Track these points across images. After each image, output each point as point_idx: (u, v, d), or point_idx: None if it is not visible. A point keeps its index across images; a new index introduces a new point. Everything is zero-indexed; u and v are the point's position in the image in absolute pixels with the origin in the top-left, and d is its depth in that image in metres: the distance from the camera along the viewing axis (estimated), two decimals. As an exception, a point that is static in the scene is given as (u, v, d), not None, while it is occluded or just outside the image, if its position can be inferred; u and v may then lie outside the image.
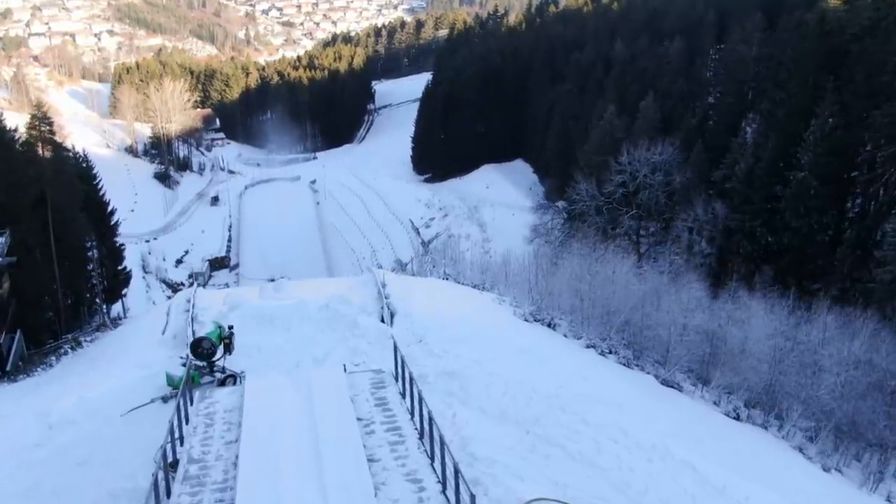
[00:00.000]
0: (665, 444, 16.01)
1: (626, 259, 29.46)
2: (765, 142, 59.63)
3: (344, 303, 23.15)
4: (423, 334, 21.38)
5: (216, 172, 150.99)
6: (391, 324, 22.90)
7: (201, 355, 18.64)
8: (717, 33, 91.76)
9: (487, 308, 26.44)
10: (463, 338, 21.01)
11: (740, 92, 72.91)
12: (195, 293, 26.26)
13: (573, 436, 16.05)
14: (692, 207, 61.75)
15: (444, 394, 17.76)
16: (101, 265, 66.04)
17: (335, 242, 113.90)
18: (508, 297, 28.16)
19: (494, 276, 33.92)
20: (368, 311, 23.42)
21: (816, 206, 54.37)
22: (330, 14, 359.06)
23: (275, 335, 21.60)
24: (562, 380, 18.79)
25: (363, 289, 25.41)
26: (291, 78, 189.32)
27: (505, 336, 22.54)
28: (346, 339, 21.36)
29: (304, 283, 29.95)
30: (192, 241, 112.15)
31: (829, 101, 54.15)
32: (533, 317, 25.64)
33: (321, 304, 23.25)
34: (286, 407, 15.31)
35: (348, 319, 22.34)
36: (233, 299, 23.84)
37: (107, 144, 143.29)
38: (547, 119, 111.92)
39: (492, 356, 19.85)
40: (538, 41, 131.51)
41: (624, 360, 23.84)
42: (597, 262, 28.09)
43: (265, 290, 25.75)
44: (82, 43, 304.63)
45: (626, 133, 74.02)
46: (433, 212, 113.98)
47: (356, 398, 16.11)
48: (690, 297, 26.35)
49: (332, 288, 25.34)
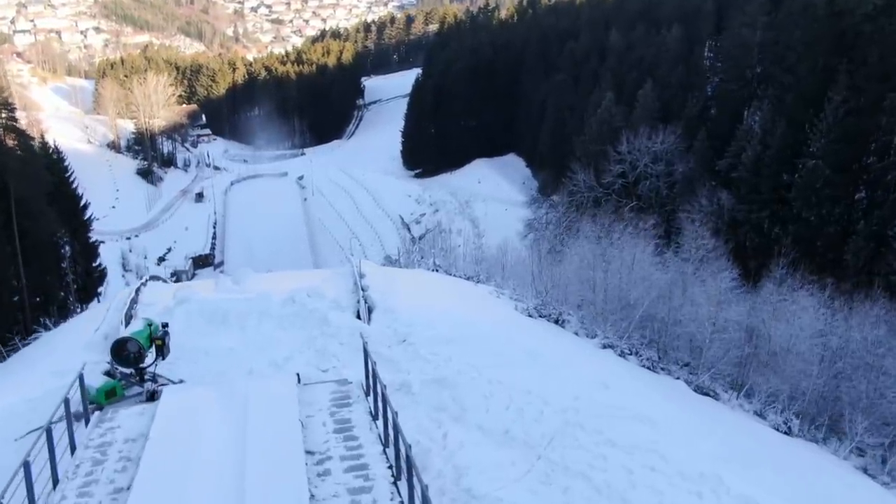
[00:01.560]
0: (716, 472, 12.67)
1: (645, 242, 25.89)
2: (773, 128, 56.43)
3: (314, 296, 19.72)
4: (408, 333, 17.91)
5: (201, 169, 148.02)
6: (368, 321, 19.43)
7: (126, 360, 14.88)
8: (716, 21, 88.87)
9: (484, 302, 22.88)
10: (456, 337, 17.58)
11: (744, 78, 69.70)
12: (142, 286, 22.88)
13: (598, 462, 12.64)
14: (696, 198, 58.59)
15: (433, 408, 14.25)
16: (73, 262, 63.10)
17: (323, 239, 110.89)
18: (507, 289, 24.82)
19: (490, 267, 30.54)
20: (343, 305, 19.86)
21: (828, 196, 51.22)
22: (319, 11, 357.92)
23: (227, 335, 18.12)
24: (578, 388, 15.31)
25: (339, 281, 22.00)
26: (279, 73, 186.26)
27: (506, 335, 18.92)
28: (314, 339, 17.86)
29: (271, 276, 26.54)
30: (175, 239, 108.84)
31: (841, 85, 51.04)
32: (538, 311, 22.11)
33: (285, 298, 19.75)
34: (208, 435, 11.76)
35: (317, 316, 18.81)
36: (183, 293, 20.31)
37: (88, 140, 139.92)
38: (540, 111, 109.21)
39: (491, 359, 16.38)
40: (530, 32, 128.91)
41: (648, 363, 20.36)
42: (611, 246, 24.57)
43: (222, 283, 22.17)
44: (68, 40, 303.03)
45: (625, 122, 70.94)
46: (423, 207, 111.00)
47: (310, 420, 12.63)
48: (722, 288, 22.84)
49: (304, 281, 21.82)
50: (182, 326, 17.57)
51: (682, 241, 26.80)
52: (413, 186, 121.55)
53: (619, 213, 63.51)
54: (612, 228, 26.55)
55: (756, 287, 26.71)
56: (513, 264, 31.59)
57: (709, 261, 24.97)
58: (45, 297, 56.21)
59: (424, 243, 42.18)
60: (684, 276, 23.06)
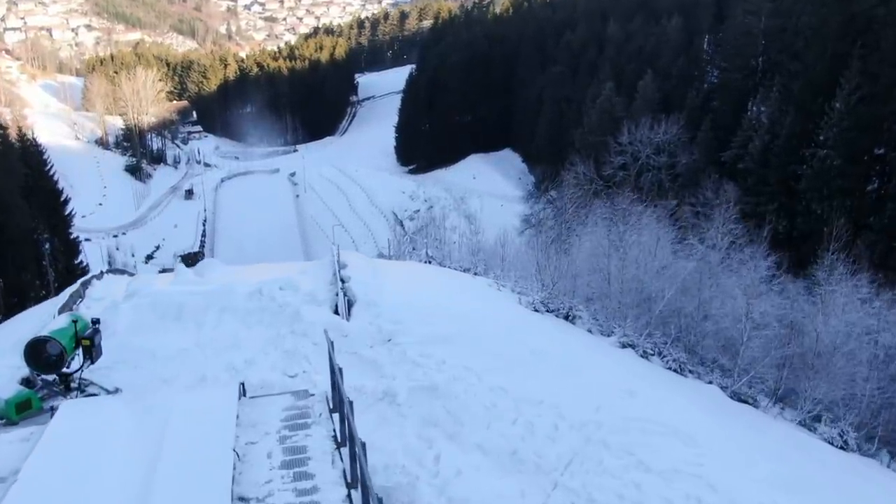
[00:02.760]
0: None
1: (667, 227, 23.19)
2: (781, 118, 54.11)
3: (287, 289, 17.22)
4: (394, 331, 15.30)
5: (192, 166, 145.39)
6: (348, 316, 16.79)
7: (45, 365, 12.32)
8: (716, 10, 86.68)
9: (483, 295, 20.17)
10: (450, 335, 14.99)
11: (748, 67, 67.32)
12: (94, 279, 20.35)
13: (630, 491, 10.07)
14: (701, 190, 56.25)
15: (423, 422, 11.65)
16: (54, 260, 60.76)
17: (315, 236, 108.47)
18: (509, 281, 22.31)
19: (488, 259, 27.99)
20: (319, 299, 17.21)
21: (840, 187, 48.87)
22: (313, 9, 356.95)
23: (181, 334, 15.48)
24: (599, 397, 12.70)
25: (318, 272, 19.49)
26: (271, 69, 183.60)
27: (509, 332, 16.17)
28: (283, 338, 15.29)
29: (242, 267, 23.89)
30: (163, 236, 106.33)
31: (854, 71, 48.70)
32: (545, 306, 19.48)
33: (252, 291, 17.14)
34: (102, 475, 8.72)
35: (288, 311, 16.23)
36: (135, 285, 17.73)
37: (76, 137, 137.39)
38: (537, 105, 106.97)
39: (493, 362, 13.80)
40: (526, 25, 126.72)
41: (675, 365, 17.73)
42: (628, 230, 21.72)
43: (181, 274, 19.47)
44: (59, 38, 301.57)
45: (625, 112, 68.67)
46: (418, 203, 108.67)
47: (250, 450, 9.68)
48: (758, 277, 20.13)
49: (278, 272, 19.24)
50: (129, 323, 15.18)
51: (708, 227, 23.91)
52: (407, 182, 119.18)
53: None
54: (628, 211, 23.80)
55: (796, 276, 24.22)
56: (513, 256, 29.04)
57: (739, 247, 22.23)
58: (21, 296, 53.90)
59: (417, 234, 39.46)
60: (711, 266, 20.33)
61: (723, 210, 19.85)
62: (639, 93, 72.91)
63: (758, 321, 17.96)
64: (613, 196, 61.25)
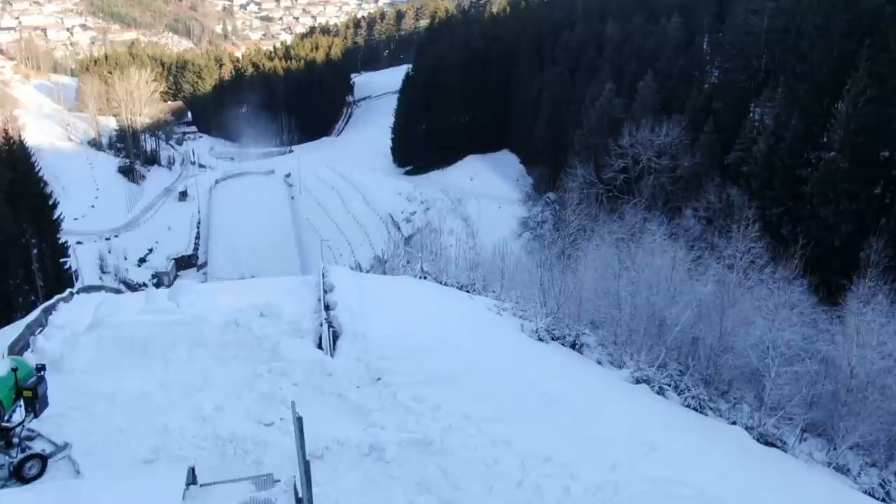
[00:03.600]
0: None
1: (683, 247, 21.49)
2: (786, 120, 52.76)
3: (268, 315, 15.75)
4: (384, 368, 13.81)
5: (186, 167, 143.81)
6: (333, 350, 15.19)
7: None
8: (716, 9, 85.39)
9: (483, 322, 18.57)
10: (446, 375, 13.47)
11: (751, 67, 65.95)
12: (62, 301, 18.84)
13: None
14: (704, 194, 54.97)
15: (415, 485, 10.12)
16: (41, 264, 59.46)
17: (310, 239, 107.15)
18: (509, 301, 20.84)
19: (487, 273, 26.49)
20: (303, 329, 15.73)
21: (847, 191, 47.52)
22: (309, 9, 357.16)
23: (145, 373, 13.79)
24: (615, 452, 11.19)
25: (304, 293, 18.00)
26: (266, 69, 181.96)
27: (513, 370, 14.56)
28: (259, 377, 13.71)
29: (220, 286, 22.32)
30: (157, 239, 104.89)
31: (862, 72, 47.37)
32: (550, 333, 18.06)
33: (227, 321, 15.52)
34: None
35: (266, 345, 14.66)
36: (101, 313, 16.13)
37: (69, 137, 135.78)
38: (535, 106, 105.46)
39: (494, 408, 12.26)
40: (524, 25, 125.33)
41: (694, 402, 16.26)
42: (640, 250, 19.99)
43: (152, 298, 17.68)
44: (54, 37, 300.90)
45: (625, 114, 67.24)
46: (414, 205, 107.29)
47: None
48: (779, 302, 18.48)
49: (260, 293, 17.69)
50: (89, 360, 13.57)
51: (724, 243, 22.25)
52: (403, 184, 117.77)
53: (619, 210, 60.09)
54: (640, 228, 22.16)
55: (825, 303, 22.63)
56: (513, 267, 27.57)
57: (759, 267, 20.57)
58: (5, 303, 52.65)
59: (412, 246, 37.74)
60: (729, 288, 18.72)
61: (742, 228, 18.20)
62: (639, 93, 71.52)
63: (784, 352, 16.34)
64: (621, 208, 60.26)
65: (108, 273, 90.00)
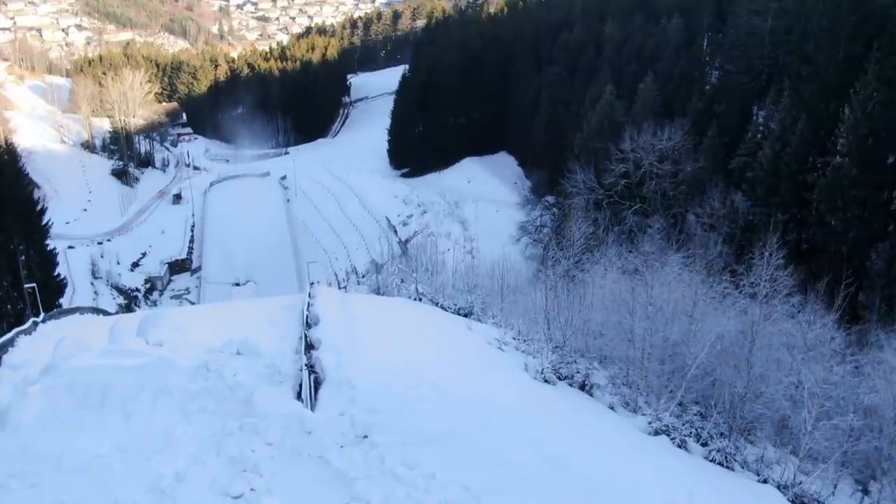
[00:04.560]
0: None
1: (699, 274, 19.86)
2: (792, 124, 51.41)
3: (245, 353, 14.26)
4: (371, 424, 12.13)
5: (181, 169, 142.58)
6: (314, 401, 13.45)
7: None
8: (717, 10, 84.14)
9: (483, 360, 16.98)
10: (444, 434, 11.81)
11: (754, 70, 64.58)
12: (23, 334, 17.34)
13: None
14: (707, 200, 53.64)
15: None
16: (29, 272, 58.03)
17: (306, 242, 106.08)
18: (511, 329, 19.33)
19: (486, 295, 24.97)
20: (282, 372, 14.07)
21: (855, 197, 46.14)
22: (306, 8, 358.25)
23: (101, 430, 12.14)
24: None
25: (289, 322, 16.51)
26: (262, 70, 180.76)
27: (518, 426, 12.48)
28: (229, 436, 12.06)
29: (198, 314, 20.62)
30: (150, 243, 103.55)
31: (870, 76, 46.01)
32: (556, 373, 16.67)
33: (197, 365, 13.90)
34: None
35: (240, 394, 13.00)
36: (59, 355, 14.46)
37: (62, 140, 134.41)
38: (533, 107, 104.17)
39: (496, 477, 10.51)
40: (521, 25, 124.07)
41: (719, 455, 14.71)
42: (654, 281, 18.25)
43: (118, 334, 15.85)
44: (49, 38, 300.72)
45: (626, 118, 65.87)
46: (411, 208, 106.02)
47: None
48: (811, 338, 16.86)
49: (240, 323, 16.14)
50: (38, 413, 11.99)
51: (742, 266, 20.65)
52: (400, 186, 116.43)
53: (620, 216, 58.72)
54: (655, 257, 20.32)
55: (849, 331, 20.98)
56: (513, 286, 26.13)
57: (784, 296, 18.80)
58: None
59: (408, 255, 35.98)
60: (754, 323, 16.91)
61: (767, 255, 16.69)
62: (639, 95, 70.17)
63: (824, 404, 14.57)
64: (624, 214, 58.96)
65: (100, 278, 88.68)
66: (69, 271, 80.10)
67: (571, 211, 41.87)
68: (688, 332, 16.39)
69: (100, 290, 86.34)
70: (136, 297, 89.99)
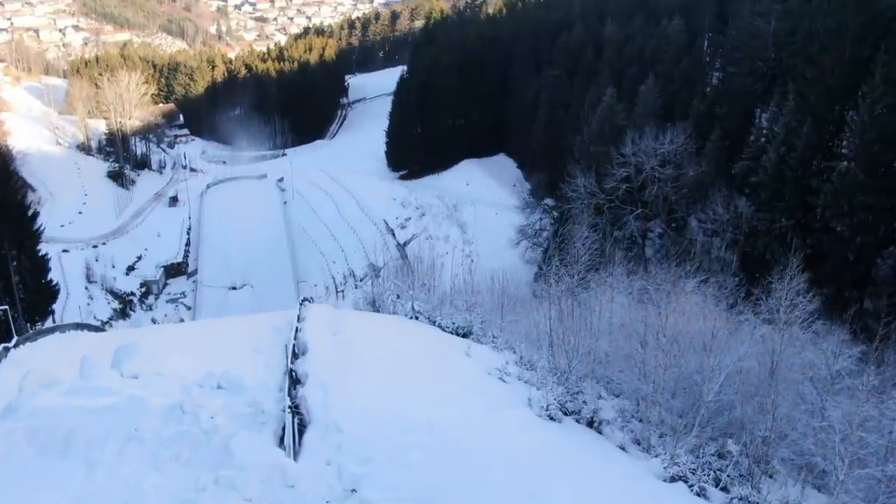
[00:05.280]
0: None
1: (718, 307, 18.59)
2: (797, 127, 50.42)
3: (224, 388, 13.09)
4: (361, 476, 10.92)
5: (177, 171, 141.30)
6: (298, 447, 12.21)
7: None
8: (718, 10, 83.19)
9: (484, 395, 15.74)
10: (441, 489, 10.45)
11: (757, 72, 63.56)
12: None
13: None
14: (710, 205, 52.68)
15: None
16: (21, 278, 57.02)
17: (303, 245, 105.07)
18: (513, 354, 18.20)
19: (486, 312, 23.86)
20: (263, 412, 12.66)
21: (862, 203, 45.13)
22: (304, 9, 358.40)
23: (61, 483, 10.88)
24: None
25: (274, 350, 15.38)
26: (259, 71, 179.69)
27: (523, 477, 11.40)
28: (203, 491, 10.78)
29: (179, 336, 19.32)
30: (146, 246, 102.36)
31: (878, 78, 45.04)
32: (562, 408, 15.44)
33: (172, 403, 12.69)
34: None
35: (216, 441, 11.72)
36: (25, 391, 13.23)
37: (57, 141, 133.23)
38: (532, 109, 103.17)
39: None
40: (520, 26, 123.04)
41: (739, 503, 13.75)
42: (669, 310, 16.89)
43: (88, 372, 14.50)
44: (46, 38, 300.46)
45: (627, 121, 64.84)
46: (409, 211, 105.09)
47: None
48: (837, 371, 15.63)
49: (223, 350, 14.95)
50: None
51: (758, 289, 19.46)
52: (398, 189, 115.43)
53: (621, 221, 57.69)
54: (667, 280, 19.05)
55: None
56: (513, 296, 25.09)
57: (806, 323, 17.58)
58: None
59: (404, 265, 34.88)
60: (776, 354, 15.68)
61: (787, 279, 15.61)
62: (640, 98, 69.11)
63: (857, 452, 13.34)
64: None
65: (94, 282, 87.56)
66: (63, 276, 79.07)
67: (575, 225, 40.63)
68: (703, 364, 15.23)
69: (94, 295, 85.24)
70: (132, 301, 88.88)
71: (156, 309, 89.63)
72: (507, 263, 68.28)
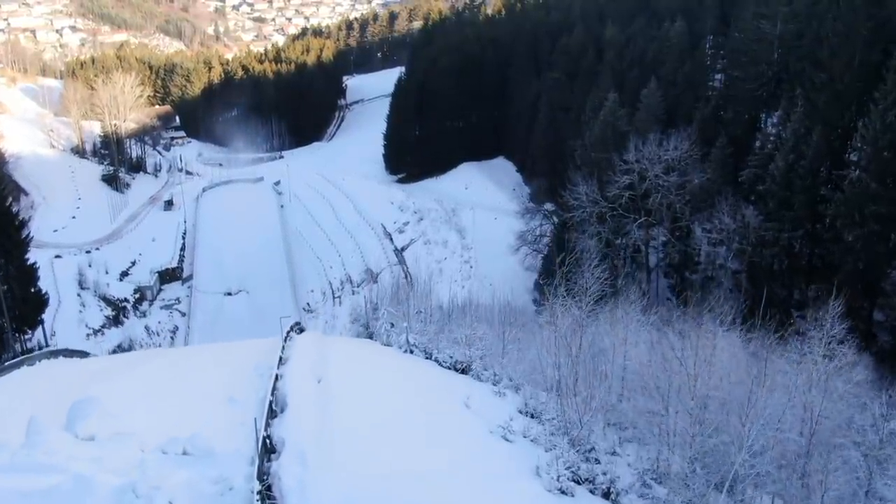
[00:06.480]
0: None
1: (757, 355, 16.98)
2: (806, 134, 48.93)
3: (190, 455, 11.54)
4: None
5: (173, 174, 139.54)
6: None
7: None
8: (719, 13, 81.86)
9: (485, 463, 14.31)
10: None
11: (763, 77, 62.05)
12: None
13: None
14: (717, 214, 51.20)
15: None
16: (8, 288, 55.71)
17: (300, 250, 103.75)
18: (516, 396, 16.66)
19: (486, 346, 22.30)
20: (232, 490, 11.21)
21: (874, 213, 43.64)
22: (302, 9, 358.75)
23: None
24: None
25: (250, 400, 13.77)
26: (256, 72, 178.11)
27: None
28: None
29: (144, 381, 17.36)
30: (140, 251, 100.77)
31: (890, 84, 43.57)
32: (574, 476, 13.94)
33: (124, 483, 10.86)
34: None
35: None
36: None
37: (51, 144, 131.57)
38: (532, 111, 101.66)
39: None
40: (519, 27, 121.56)
41: None
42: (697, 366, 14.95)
43: (35, 437, 12.55)
44: (43, 39, 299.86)
45: (629, 126, 63.31)
46: (407, 215, 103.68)
47: None
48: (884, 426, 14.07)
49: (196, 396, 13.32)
50: None
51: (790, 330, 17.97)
52: (396, 192, 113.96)
53: (623, 229, 56.21)
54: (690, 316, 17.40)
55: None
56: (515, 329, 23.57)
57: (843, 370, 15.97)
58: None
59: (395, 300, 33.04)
60: (813, 411, 14.13)
61: (827, 325, 14.19)
62: (642, 102, 67.55)
63: None
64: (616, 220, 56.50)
65: (87, 289, 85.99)
66: (55, 282, 77.65)
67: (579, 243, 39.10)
68: (736, 432, 13.65)
69: (87, 302, 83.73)
70: (125, 308, 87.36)
71: (150, 315, 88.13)
72: (506, 270, 66.81)
